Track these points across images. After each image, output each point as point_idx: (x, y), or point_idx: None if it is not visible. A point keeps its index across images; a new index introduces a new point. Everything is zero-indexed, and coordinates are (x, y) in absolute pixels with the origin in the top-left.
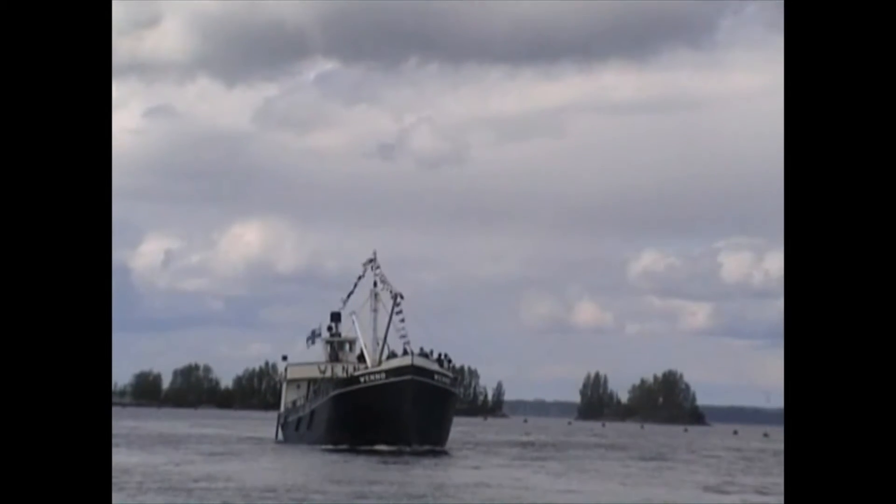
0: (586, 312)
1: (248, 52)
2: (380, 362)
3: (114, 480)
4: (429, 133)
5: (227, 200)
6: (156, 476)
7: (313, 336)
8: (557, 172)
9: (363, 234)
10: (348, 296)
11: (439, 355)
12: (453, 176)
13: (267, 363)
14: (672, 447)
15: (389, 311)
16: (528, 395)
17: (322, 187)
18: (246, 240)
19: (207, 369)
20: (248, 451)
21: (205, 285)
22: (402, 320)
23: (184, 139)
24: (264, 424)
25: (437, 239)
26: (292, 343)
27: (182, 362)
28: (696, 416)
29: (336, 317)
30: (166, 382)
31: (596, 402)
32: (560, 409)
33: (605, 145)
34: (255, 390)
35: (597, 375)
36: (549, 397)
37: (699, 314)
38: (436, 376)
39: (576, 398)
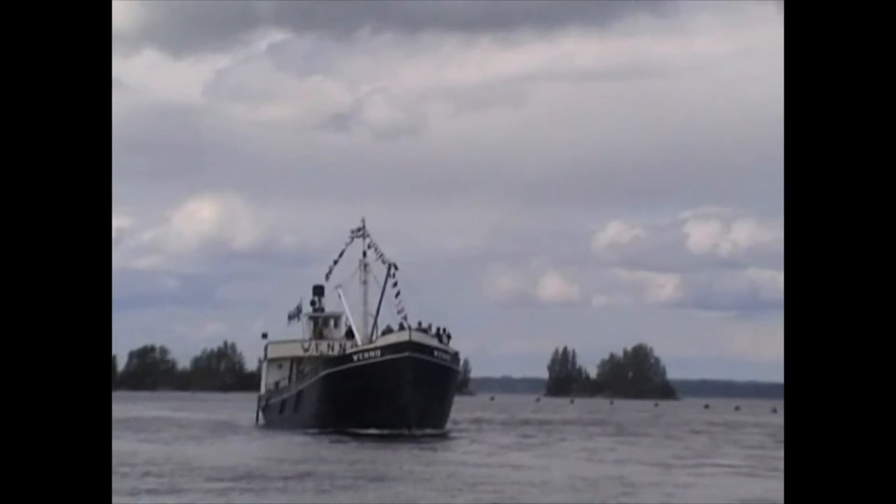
0: (552, 286)
1: (195, 23)
2: (371, 339)
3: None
4: (384, 104)
5: (179, 176)
6: (158, 463)
7: (297, 313)
8: (519, 143)
9: (320, 209)
10: (331, 268)
11: (438, 330)
12: (411, 148)
13: (225, 343)
14: (650, 423)
15: (382, 283)
16: (495, 372)
17: (277, 161)
18: (200, 216)
19: (164, 350)
20: (231, 436)
21: (158, 263)
22: (398, 294)
23: (133, 113)
24: (232, 407)
25: (397, 212)
26: (250, 322)
27: (137, 343)
28: (666, 390)
29: (318, 290)
30: (121, 364)
31: (564, 378)
32: (528, 385)
33: (568, 114)
34: (214, 371)
35: (565, 350)
36: (517, 373)
37: (667, 286)
38: (435, 353)
39: (543, 374)
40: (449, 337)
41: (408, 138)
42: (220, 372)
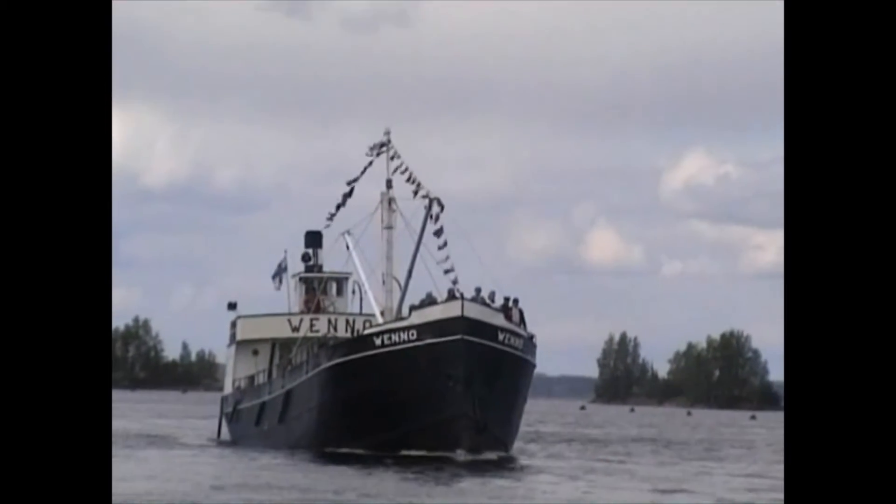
0: (603, 245)
1: None
2: (399, 312)
3: None
4: None
5: None
6: None
7: (280, 272)
8: (556, 39)
9: (272, 129)
10: (340, 203)
11: (505, 301)
12: (397, 43)
13: (136, 319)
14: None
15: (418, 228)
16: None
17: (208, 59)
18: None
19: None
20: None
21: None
22: (444, 245)
23: None
24: (160, 411)
25: (379, 137)
26: (171, 289)
27: None
28: (767, 396)
29: (314, 239)
30: None
31: (622, 378)
32: (568, 386)
33: None
34: (118, 360)
35: (622, 338)
36: (553, 370)
37: (769, 248)
38: (501, 335)
39: (592, 371)
40: (522, 313)
41: (392, 30)
42: (126, 361)
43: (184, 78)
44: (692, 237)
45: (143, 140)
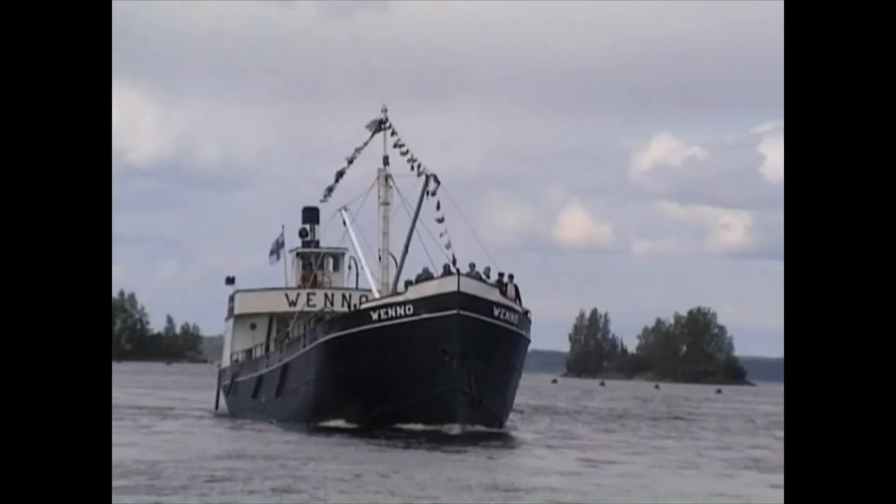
0: (574, 225)
1: None
2: (395, 287)
3: None
4: None
5: None
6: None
7: (277, 248)
8: (527, 23)
9: (251, 110)
10: (338, 175)
11: (500, 276)
12: (373, 27)
13: (121, 293)
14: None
15: (415, 204)
16: None
17: (191, 43)
18: None
19: None
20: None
21: None
22: (442, 220)
23: None
24: (154, 383)
25: (353, 117)
26: (155, 264)
27: None
28: (732, 371)
29: (311, 215)
30: None
31: (592, 353)
32: (541, 360)
33: None
34: None
35: (593, 314)
36: None
37: (735, 227)
38: (497, 310)
39: (563, 346)
40: (517, 288)
41: (368, 14)
42: (112, 333)
43: (168, 61)
44: (661, 217)
45: (128, 118)
